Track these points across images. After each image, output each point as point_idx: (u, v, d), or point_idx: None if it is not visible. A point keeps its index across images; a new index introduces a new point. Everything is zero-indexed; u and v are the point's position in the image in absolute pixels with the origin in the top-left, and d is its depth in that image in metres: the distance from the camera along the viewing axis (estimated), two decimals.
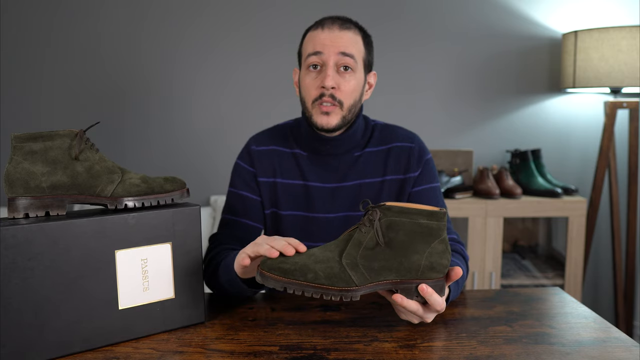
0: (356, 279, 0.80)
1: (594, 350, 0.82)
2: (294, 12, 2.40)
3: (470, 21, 2.40)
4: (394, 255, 0.81)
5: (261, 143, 1.23)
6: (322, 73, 1.10)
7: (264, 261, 0.81)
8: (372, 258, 0.81)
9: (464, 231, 2.34)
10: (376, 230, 0.81)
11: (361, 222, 0.83)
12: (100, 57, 2.42)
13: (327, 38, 1.09)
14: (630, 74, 2.05)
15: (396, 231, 0.82)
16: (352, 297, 0.80)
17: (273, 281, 0.79)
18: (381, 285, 0.82)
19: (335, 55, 1.09)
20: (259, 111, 2.46)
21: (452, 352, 0.82)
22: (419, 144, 1.21)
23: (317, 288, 0.79)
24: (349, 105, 1.12)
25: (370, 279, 0.81)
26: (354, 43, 1.11)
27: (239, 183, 1.21)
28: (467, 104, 2.45)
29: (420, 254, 0.82)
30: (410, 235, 0.82)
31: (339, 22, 1.11)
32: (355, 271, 0.80)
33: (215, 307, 1.02)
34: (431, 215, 0.82)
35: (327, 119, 1.11)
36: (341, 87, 1.10)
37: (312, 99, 1.11)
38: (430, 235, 0.82)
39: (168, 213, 0.89)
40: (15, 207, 0.82)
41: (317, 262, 0.80)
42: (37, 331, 0.79)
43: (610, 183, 2.31)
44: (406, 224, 0.81)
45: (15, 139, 0.83)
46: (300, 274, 0.79)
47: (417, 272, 0.82)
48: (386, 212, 0.82)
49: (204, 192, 2.49)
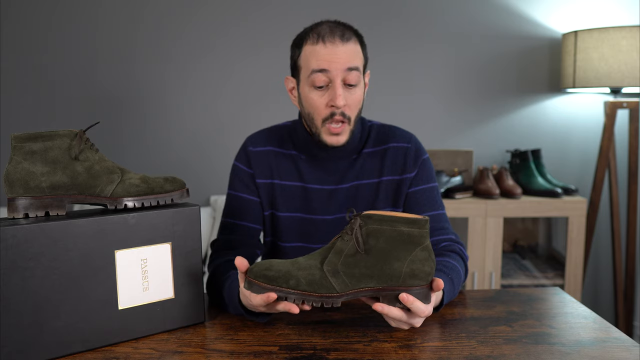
0: (337, 286, 0.81)
1: (594, 350, 0.82)
2: (291, 12, 2.40)
3: (470, 21, 2.40)
4: (374, 263, 0.82)
5: (258, 144, 1.22)
6: (331, 91, 1.07)
7: (250, 269, 0.83)
8: (353, 265, 0.82)
9: (464, 231, 2.34)
10: (355, 238, 0.82)
11: (344, 231, 0.84)
12: (100, 57, 2.42)
13: (331, 54, 1.05)
14: (630, 74, 2.05)
15: (377, 239, 0.82)
16: (332, 304, 0.82)
17: (259, 288, 0.81)
18: (363, 293, 0.83)
19: (342, 72, 1.06)
20: (257, 111, 2.46)
21: (452, 352, 0.82)
22: (416, 144, 1.20)
23: (299, 294, 0.81)
24: (355, 117, 1.11)
25: (352, 285, 0.82)
26: (357, 53, 1.08)
27: (238, 185, 1.21)
28: (467, 104, 2.45)
29: (401, 261, 0.82)
30: (391, 242, 0.82)
31: (339, 34, 1.06)
32: (336, 278, 0.82)
33: (215, 307, 1.02)
34: (412, 223, 0.82)
35: (337, 138, 1.11)
36: (349, 102, 1.08)
37: (322, 118, 1.09)
38: (412, 242, 0.83)
39: (168, 213, 0.89)
40: (15, 207, 0.82)
41: (299, 270, 0.82)
42: (37, 331, 0.79)
43: (610, 183, 2.31)
44: (387, 231, 0.82)
45: (15, 139, 0.83)
46: (283, 281, 0.81)
47: (399, 279, 0.83)
48: (366, 220, 0.83)
49: (203, 192, 2.49)
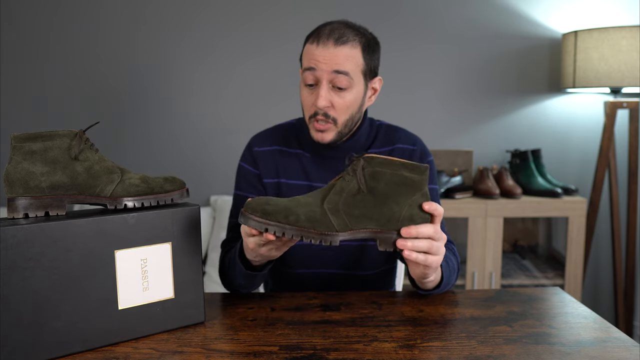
0: (337, 224, 0.82)
1: (594, 350, 0.82)
2: (294, 12, 2.40)
3: (470, 21, 2.40)
4: (374, 204, 0.83)
5: (263, 143, 1.22)
6: (316, 91, 1.09)
7: (247, 203, 0.82)
8: (354, 205, 0.83)
9: (464, 231, 2.34)
10: (358, 177, 0.83)
11: (345, 172, 0.85)
12: (100, 57, 2.42)
13: (320, 55, 1.06)
14: (630, 74, 2.05)
15: (378, 181, 0.84)
16: (331, 242, 0.82)
17: (254, 222, 0.80)
18: (361, 233, 0.84)
19: (329, 73, 1.06)
20: (259, 111, 2.46)
21: (452, 352, 0.82)
22: (421, 147, 1.22)
23: (298, 230, 0.80)
24: (344, 120, 1.10)
25: (351, 225, 0.83)
26: (349, 59, 1.06)
27: (244, 185, 1.21)
28: (467, 104, 2.45)
29: (400, 205, 0.84)
30: (392, 185, 0.84)
31: (335, 37, 1.06)
32: (336, 216, 0.82)
33: (215, 307, 1.02)
34: (413, 169, 0.84)
35: (322, 135, 1.11)
36: (335, 104, 1.08)
37: (309, 115, 1.11)
38: (412, 187, 0.84)
39: (168, 213, 0.89)
40: (15, 207, 0.82)
41: (299, 206, 0.82)
42: (37, 331, 0.79)
43: (610, 183, 2.31)
44: (388, 174, 0.84)
45: (15, 139, 0.83)
46: (282, 216, 0.80)
47: (397, 222, 0.84)
48: (370, 162, 0.84)
49: (203, 192, 2.49)
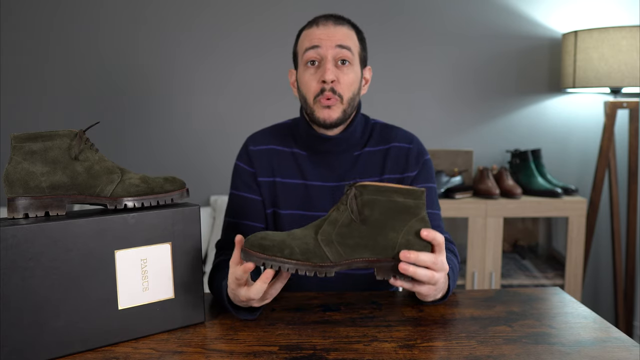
0: (331, 255, 0.81)
1: (594, 350, 0.82)
2: (293, 12, 2.40)
3: (470, 21, 2.40)
4: (369, 233, 0.83)
5: (259, 142, 1.23)
6: (321, 67, 1.11)
7: (247, 239, 0.83)
8: (348, 235, 0.82)
9: (464, 231, 2.34)
10: (350, 207, 0.82)
11: (340, 202, 0.85)
12: (100, 57, 2.42)
13: (323, 33, 1.11)
14: (630, 74, 2.05)
15: (372, 209, 0.82)
16: (326, 273, 0.81)
17: (255, 258, 0.81)
18: (357, 263, 0.83)
19: (333, 48, 1.10)
20: (258, 111, 2.46)
21: (452, 352, 0.82)
22: (418, 145, 1.22)
23: (293, 263, 0.80)
24: (348, 98, 1.13)
25: (345, 255, 0.82)
26: (349, 37, 1.13)
27: (240, 184, 1.22)
28: (467, 104, 2.45)
29: (396, 231, 0.83)
30: (387, 213, 0.83)
31: (333, 19, 1.13)
32: (330, 247, 0.81)
33: (215, 307, 1.02)
34: (408, 193, 0.83)
35: (329, 112, 1.12)
36: (340, 80, 1.11)
37: (314, 94, 1.12)
38: (408, 213, 0.83)
39: (168, 213, 0.89)
40: (15, 207, 0.82)
41: (294, 239, 0.82)
42: (37, 331, 0.79)
43: (610, 183, 2.31)
44: (382, 202, 0.82)
45: (15, 139, 0.83)
46: (278, 250, 0.80)
47: (393, 250, 0.83)
48: (362, 191, 0.83)
49: (203, 192, 2.49)
